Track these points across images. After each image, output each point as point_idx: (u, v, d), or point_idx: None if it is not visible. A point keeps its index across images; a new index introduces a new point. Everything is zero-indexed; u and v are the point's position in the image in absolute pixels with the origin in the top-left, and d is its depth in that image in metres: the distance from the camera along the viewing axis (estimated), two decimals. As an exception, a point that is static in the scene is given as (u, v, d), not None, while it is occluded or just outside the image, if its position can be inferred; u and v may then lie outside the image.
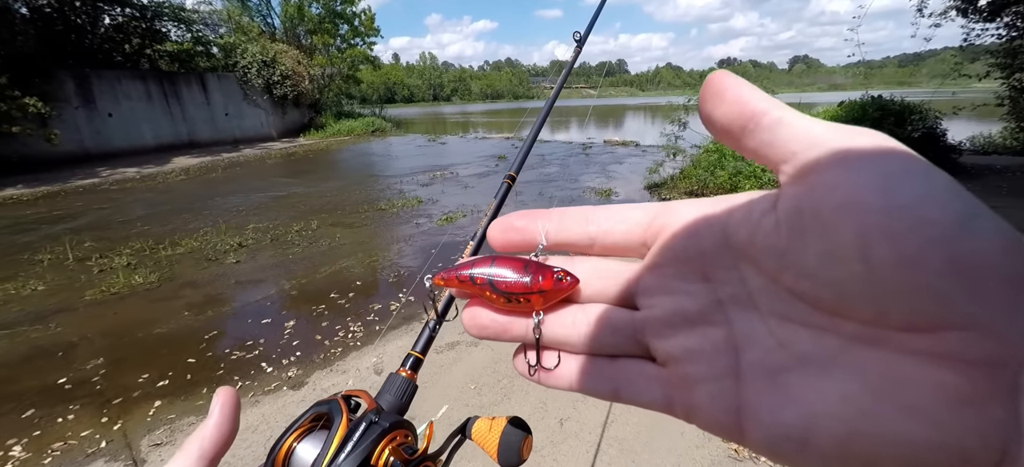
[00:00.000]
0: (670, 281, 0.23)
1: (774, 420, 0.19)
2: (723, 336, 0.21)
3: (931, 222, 0.16)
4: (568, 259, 0.26)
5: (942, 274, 0.15)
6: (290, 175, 11.60)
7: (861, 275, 0.17)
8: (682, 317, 0.23)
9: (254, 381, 2.96)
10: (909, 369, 0.17)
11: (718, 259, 0.22)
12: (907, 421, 0.16)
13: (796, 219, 0.18)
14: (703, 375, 0.22)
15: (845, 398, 0.18)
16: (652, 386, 0.24)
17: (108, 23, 16.53)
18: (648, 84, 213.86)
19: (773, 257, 0.19)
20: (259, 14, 23.91)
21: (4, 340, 3.57)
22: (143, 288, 4.54)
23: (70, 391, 2.91)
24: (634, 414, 2.50)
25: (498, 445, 0.37)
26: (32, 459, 2.36)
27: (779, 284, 0.20)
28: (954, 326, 0.16)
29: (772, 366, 0.20)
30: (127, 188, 10.31)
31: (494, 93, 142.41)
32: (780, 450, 0.19)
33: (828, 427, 0.18)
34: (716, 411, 0.21)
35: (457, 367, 2.98)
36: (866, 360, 0.18)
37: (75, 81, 14.17)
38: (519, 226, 0.27)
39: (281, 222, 6.78)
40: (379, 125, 23.56)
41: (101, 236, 6.40)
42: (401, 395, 0.41)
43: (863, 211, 0.16)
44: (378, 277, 4.73)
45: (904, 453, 0.17)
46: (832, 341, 0.18)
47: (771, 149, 0.20)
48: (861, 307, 0.17)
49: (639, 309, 0.25)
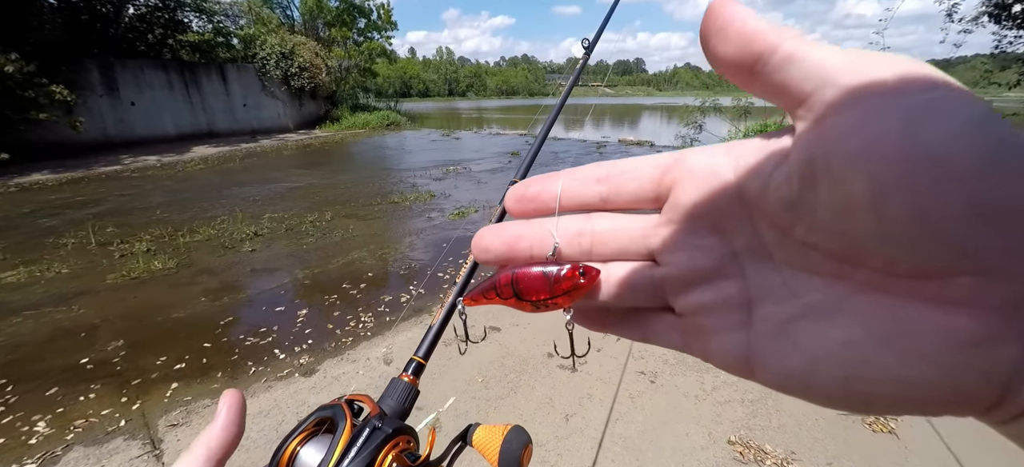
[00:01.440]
0: (685, 237, 0.23)
1: (780, 365, 0.21)
2: (737, 289, 0.22)
3: (952, 165, 0.15)
4: (586, 216, 0.26)
5: (960, 221, 0.15)
6: (306, 166, 11.75)
7: (873, 228, 0.16)
8: (697, 274, 0.23)
9: (267, 367, 3.02)
10: (915, 314, 0.17)
11: (731, 212, 0.22)
12: (906, 364, 0.17)
13: (808, 170, 0.18)
14: (716, 327, 0.23)
15: (847, 344, 0.18)
16: (673, 333, 0.25)
17: (132, 13, 16.85)
18: (666, 84, 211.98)
19: (785, 210, 0.19)
20: (279, 6, 24.17)
21: (29, 320, 3.69)
22: (162, 273, 4.65)
23: (92, 371, 3.01)
24: (639, 412, 2.51)
25: (499, 452, 0.37)
26: (56, 435, 2.45)
27: (791, 236, 0.20)
28: (969, 272, 0.15)
29: (782, 316, 0.20)
30: (148, 175, 10.54)
31: (509, 89, 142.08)
32: (786, 388, 0.21)
33: (830, 371, 0.19)
34: (728, 357, 0.23)
35: (465, 360, 3.01)
36: (872, 306, 0.18)
37: (100, 70, 14.48)
38: (532, 193, 0.27)
39: (296, 212, 6.89)
40: (394, 119, 23.70)
41: (123, 222, 6.56)
42: (403, 400, 0.42)
43: (877, 160, 0.16)
44: (389, 269, 4.78)
45: (901, 393, 0.17)
46: (842, 288, 0.19)
47: (783, 92, 0.19)
48: (872, 257, 0.17)
49: (658, 264, 0.25)
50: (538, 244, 0.27)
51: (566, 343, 0.32)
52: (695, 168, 0.23)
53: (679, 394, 2.66)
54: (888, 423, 2.38)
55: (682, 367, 2.90)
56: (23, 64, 11.00)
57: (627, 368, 2.89)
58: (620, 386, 2.73)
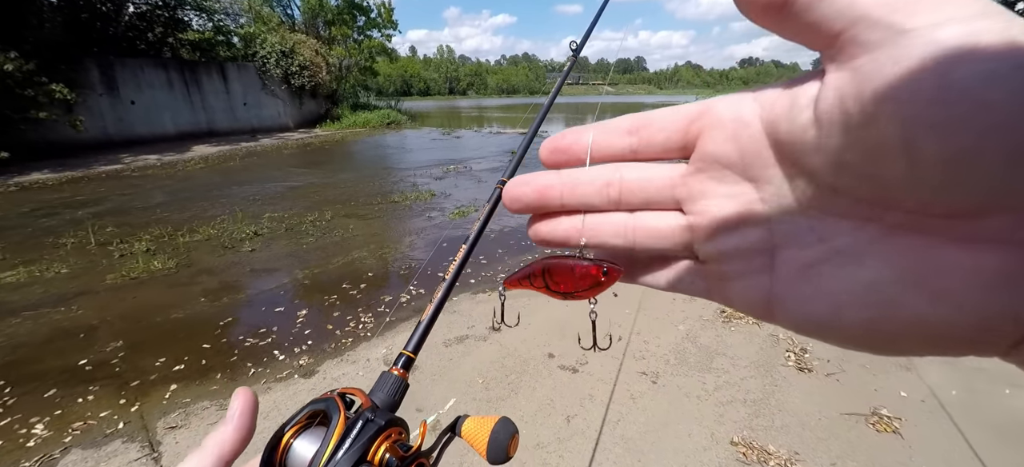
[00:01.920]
0: (711, 185, 0.23)
1: (802, 308, 0.21)
2: (761, 235, 0.22)
3: (990, 107, 0.14)
4: (616, 166, 0.27)
5: (997, 162, 0.14)
6: (306, 166, 11.74)
7: (905, 171, 0.16)
8: (723, 221, 0.23)
9: (266, 368, 3.01)
10: (945, 254, 0.17)
11: (758, 159, 0.21)
12: (935, 304, 0.17)
13: (837, 113, 0.17)
14: (739, 272, 0.23)
15: (874, 285, 0.18)
16: (696, 280, 0.26)
17: (132, 11, 16.84)
18: (667, 82, 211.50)
19: (813, 154, 0.19)
20: (279, 4, 24.15)
21: (28, 321, 3.68)
22: (161, 274, 4.64)
23: (90, 372, 3.00)
24: (641, 414, 2.50)
25: (487, 442, 0.38)
26: (54, 437, 2.44)
27: (819, 181, 0.19)
28: (1003, 210, 0.15)
29: (807, 260, 0.20)
30: (148, 175, 10.53)
31: (510, 88, 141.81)
32: (806, 329, 0.21)
33: (854, 313, 0.19)
34: (749, 301, 0.23)
35: (465, 361, 2.99)
36: (900, 248, 0.18)
37: (99, 69, 14.48)
38: (565, 145, 0.27)
39: (296, 212, 6.87)
40: (394, 117, 23.70)
41: (122, 221, 6.55)
42: (394, 393, 0.42)
43: (910, 102, 0.15)
44: (390, 269, 4.77)
45: (928, 333, 0.18)
46: (870, 231, 0.19)
47: (814, 32, 0.18)
48: (904, 200, 0.17)
49: (685, 214, 0.25)
50: (569, 193, 0.27)
51: (589, 334, 0.36)
52: (722, 116, 0.23)
53: (681, 394, 2.64)
54: (892, 423, 2.37)
55: (684, 367, 2.88)
56: (23, 63, 10.98)
57: (629, 369, 2.88)
58: (618, 386, 2.71)
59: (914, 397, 2.57)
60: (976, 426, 2.36)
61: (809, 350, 3.02)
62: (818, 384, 2.71)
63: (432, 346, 3.18)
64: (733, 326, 3.35)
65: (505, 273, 4.42)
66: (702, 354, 3.02)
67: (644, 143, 0.26)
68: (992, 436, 2.30)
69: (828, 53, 0.18)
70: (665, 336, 3.23)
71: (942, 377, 2.73)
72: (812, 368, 2.84)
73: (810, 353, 2.99)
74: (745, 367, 2.88)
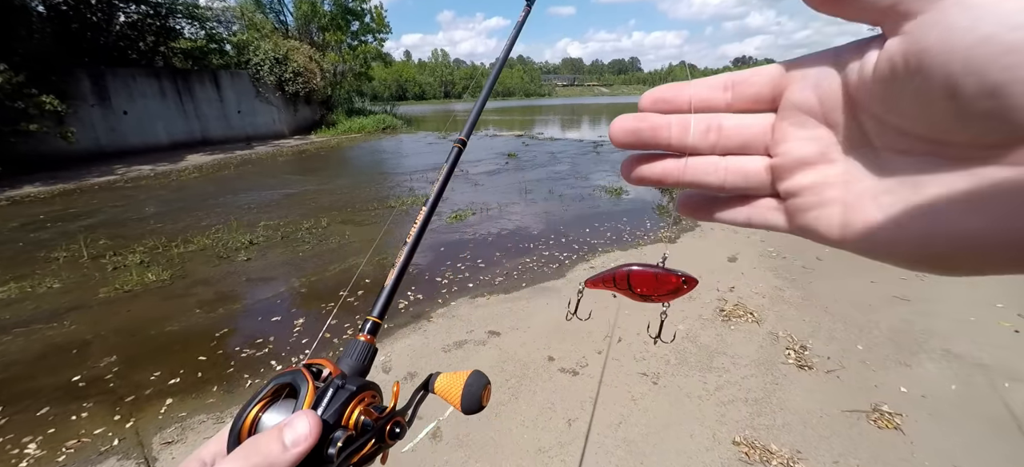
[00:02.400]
0: (796, 130, 0.27)
1: (870, 232, 0.24)
2: (837, 170, 0.26)
3: (1014, 49, 0.16)
4: (714, 115, 0.31)
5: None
6: (301, 172, 11.68)
7: (952, 110, 0.19)
8: (805, 160, 0.27)
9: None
10: (999, 180, 0.19)
11: (836, 106, 0.25)
12: (990, 225, 0.19)
13: (894, 66, 0.21)
14: (816, 203, 0.27)
15: (932, 209, 0.21)
16: (775, 215, 0.30)
17: (123, 21, 16.74)
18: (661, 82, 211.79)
19: (878, 101, 0.23)
20: (272, 11, 24.08)
21: (20, 338, 3.63)
22: (156, 286, 4.59)
23: (84, 389, 2.95)
24: (644, 415, 2.48)
25: (461, 394, 0.40)
26: (47, 457, 2.40)
27: (886, 123, 0.23)
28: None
29: (874, 190, 0.24)
30: (141, 186, 10.45)
31: (505, 91, 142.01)
32: (873, 251, 0.24)
33: (915, 234, 0.22)
34: (825, 227, 0.26)
35: (464, 366, 2.96)
36: (958, 177, 0.20)
37: (91, 79, 14.39)
38: (669, 96, 0.31)
39: (292, 220, 6.83)
40: (390, 122, 23.67)
41: (115, 234, 6.49)
42: (363, 359, 0.42)
43: (949, 51, 0.18)
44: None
45: (977, 248, 0.20)
46: (932, 164, 0.21)
47: (868, 11, 0.21)
48: (958, 135, 0.20)
49: (771, 157, 0.29)
50: (678, 132, 0.31)
51: (656, 325, 0.45)
52: (807, 70, 0.27)
53: (682, 395, 2.63)
54: (893, 419, 2.36)
55: (684, 367, 2.86)
56: (12, 75, 10.91)
57: (630, 370, 2.86)
58: (618, 388, 2.69)
59: (914, 393, 2.57)
60: (976, 420, 2.36)
61: (809, 347, 3.01)
62: (819, 381, 2.70)
63: (430, 351, 3.15)
64: (732, 325, 3.34)
65: (502, 277, 4.42)
66: (702, 354, 3.01)
67: (738, 97, 0.30)
68: (992, 430, 2.29)
69: (883, 23, 0.21)
70: (665, 336, 3.21)
71: (942, 372, 2.72)
72: (812, 365, 2.83)
73: (810, 350, 2.98)
74: (745, 366, 2.87)
